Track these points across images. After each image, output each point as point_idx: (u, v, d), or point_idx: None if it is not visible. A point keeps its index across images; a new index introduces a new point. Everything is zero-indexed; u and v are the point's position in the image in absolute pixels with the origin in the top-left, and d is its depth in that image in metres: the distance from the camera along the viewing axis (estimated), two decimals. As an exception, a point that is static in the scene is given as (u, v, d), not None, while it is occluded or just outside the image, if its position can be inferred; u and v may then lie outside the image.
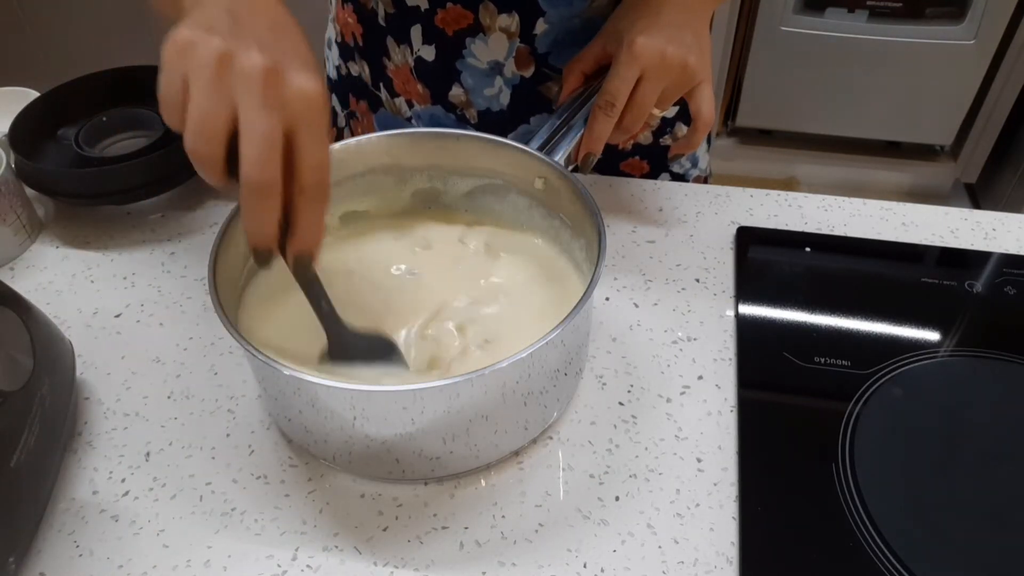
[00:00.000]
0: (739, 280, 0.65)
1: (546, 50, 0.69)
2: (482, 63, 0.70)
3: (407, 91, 0.75)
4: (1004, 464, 0.52)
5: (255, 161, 0.39)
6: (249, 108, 0.39)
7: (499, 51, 0.69)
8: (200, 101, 0.39)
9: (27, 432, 0.46)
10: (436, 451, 0.49)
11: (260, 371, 0.50)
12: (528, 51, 0.69)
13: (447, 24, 0.68)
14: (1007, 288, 0.63)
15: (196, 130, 0.39)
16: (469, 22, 0.68)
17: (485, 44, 0.69)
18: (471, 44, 0.69)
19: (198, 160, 0.40)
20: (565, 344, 0.50)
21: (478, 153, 0.60)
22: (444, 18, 0.68)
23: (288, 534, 0.49)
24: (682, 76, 0.59)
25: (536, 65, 0.70)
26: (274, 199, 0.40)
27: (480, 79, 0.71)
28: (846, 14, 1.81)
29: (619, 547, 0.48)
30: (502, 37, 0.68)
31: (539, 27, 0.67)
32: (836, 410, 0.54)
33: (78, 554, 0.48)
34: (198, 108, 0.39)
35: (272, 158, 0.39)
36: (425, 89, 0.74)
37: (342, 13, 0.76)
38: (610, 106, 0.58)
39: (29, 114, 0.72)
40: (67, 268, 0.67)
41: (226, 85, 0.39)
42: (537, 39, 0.68)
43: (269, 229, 0.41)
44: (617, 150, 0.78)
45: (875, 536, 0.47)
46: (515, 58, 0.69)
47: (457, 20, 0.68)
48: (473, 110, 0.74)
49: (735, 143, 2.14)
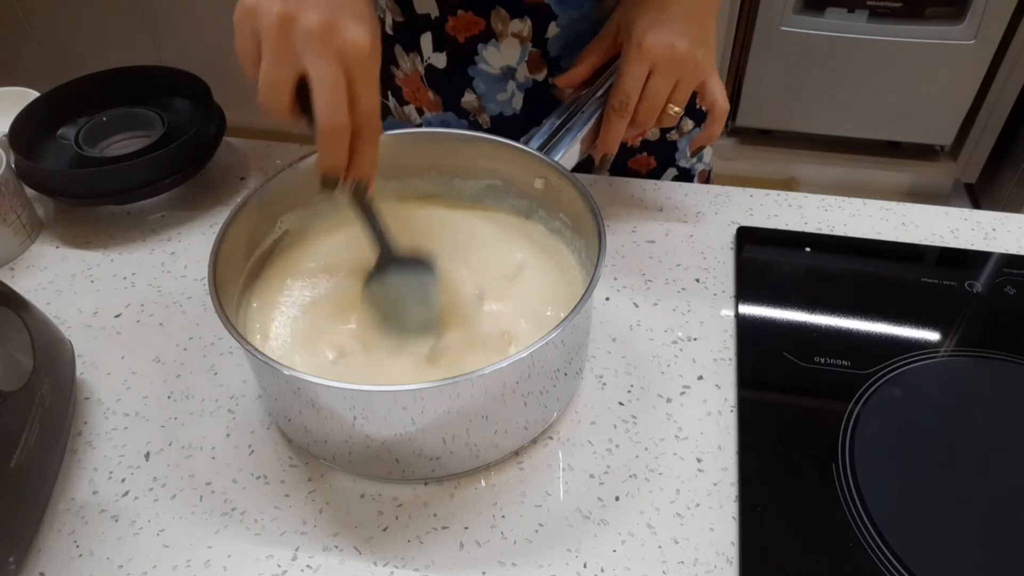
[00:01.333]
0: (739, 280, 0.65)
1: (557, 53, 0.69)
2: (494, 68, 0.70)
3: (417, 99, 0.75)
4: (1004, 464, 0.52)
5: (328, 108, 0.44)
6: (314, 62, 0.44)
7: (511, 56, 0.69)
8: (269, 59, 0.45)
9: (27, 432, 0.46)
10: (436, 451, 0.49)
11: (260, 371, 0.50)
12: (540, 55, 0.69)
13: (458, 31, 0.68)
14: (1007, 288, 0.63)
15: (266, 84, 0.45)
16: (481, 28, 0.68)
17: (497, 50, 0.69)
18: (483, 50, 0.69)
19: (269, 110, 0.46)
20: (565, 344, 0.50)
21: (478, 154, 0.60)
22: (455, 25, 0.68)
23: (288, 534, 0.49)
24: (692, 70, 0.59)
25: (548, 68, 0.70)
26: (345, 138, 0.46)
27: (492, 84, 0.71)
28: (846, 14, 1.80)
29: (619, 547, 0.48)
30: (514, 42, 0.68)
31: (551, 31, 0.68)
32: (836, 410, 0.54)
33: (78, 554, 0.48)
34: (268, 64, 0.45)
35: (341, 103, 0.45)
36: (436, 96, 0.74)
37: None
38: (624, 106, 0.59)
39: (29, 114, 0.72)
40: (67, 268, 0.67)
41: (291, 43, 0.44)
42: (549, 42, 0.68)
43: (339, 162, 0.47)
44: (625, 147, 0.78)
45: (875, 536, 0.47)
46: (527, 62, 0.70)
47: (468, 27, 0.68)
48: (486, 115, 0.74)
49: (735, 143, 2.14)
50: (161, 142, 0.71)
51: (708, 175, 0.84)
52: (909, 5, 1.76)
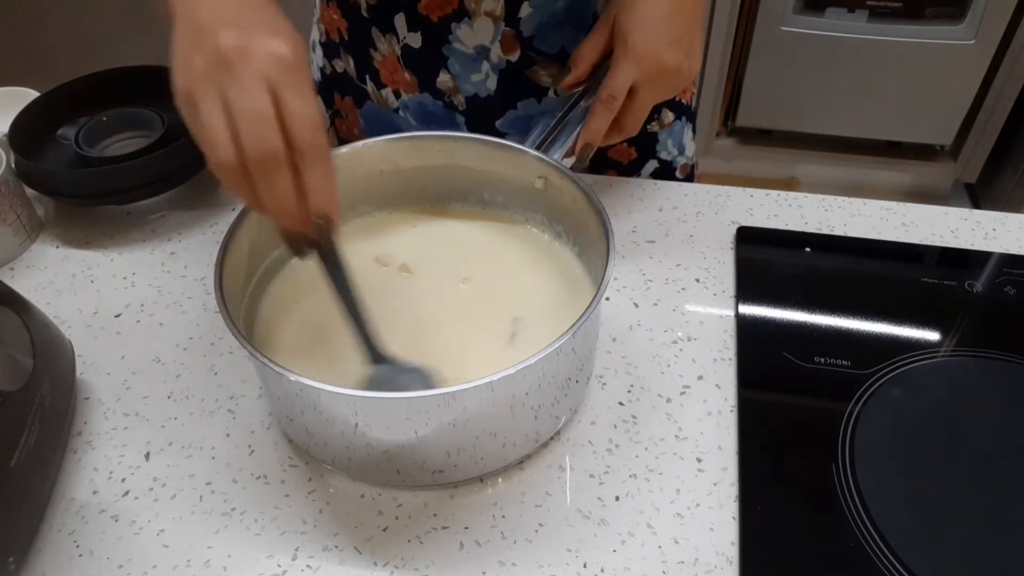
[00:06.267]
0: (739, 280, 0.65)
1: (531, 33, 0.69)
2: (468, 48, 0.70)
3: (394, 80, 0.75)
4: (1004, 464, 0.52)
5: (248, 136, 0.40)
6: (229, 92, 0.40)
7: (484, 35, 0.69)
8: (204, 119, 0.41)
9: (27, 432, 0.46)
10: (439, 464, 0.48)
11: (261, 370, 0.50)
12: (513, 34, 0.69)
13: (431, 10, 0.68)
14: (1007, 288, 0.63)
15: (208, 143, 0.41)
16: (454, 7, 0.68)
17: (470, 28, 0.69)
18: (456, 29, 0.69)
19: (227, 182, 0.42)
20: (576, 351, 0.49)
21: (478, 154, 0.60)
22: (428, 4, 0.68)
23: (288, 534, 0.49)
24: (676, 80, 0.61)
25: (522, 49, 0.70)
26: (281, 170, 0.41)
27: (467, 64, 0.72)
28: (846, 14, 1.80)
29: (619, 547, 0.48)
30: (487, 21, 0.68)
31: (524, 10, 0.68)
32: (836, 410, 0.54)
33: (78, 554, 0.48)
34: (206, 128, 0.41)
35: (263, 129, 0.40)
36: (412, 77, 0.74)
37: (327, 12, 0.76)
38: (612, 99, 0.60)
39: (29, 114, 0.72)
40: (67, 268, 0.67)
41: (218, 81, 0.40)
42: (522, 22, 0.69)
43: (287, 203, 0.41)
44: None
45: (875, 536, 0.47)
46: (501, 42, 0.70)
47: (441, 6, 0.68)
48: (461, 96, 0.74)
49: (735, 143, 2.14)
50: (161, 142, 0.71)
51: (691, 170, 0.84)
52: (909, 5, 1.76)
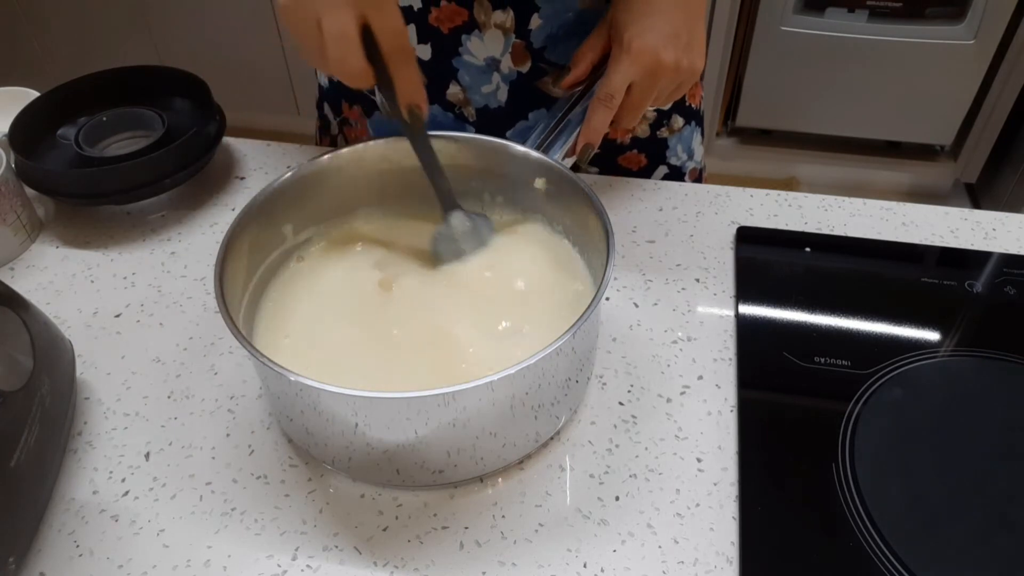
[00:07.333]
0: (739, 280, 0.65)
1: (541, 44, 0.69)
2: (478, 60, 0.70)
3: None
4: (1004, 464, 0.52)
5: (336, 59, 0.49)
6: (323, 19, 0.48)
7: (495, 47, 0.70)
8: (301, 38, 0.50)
9: (27, 432, 0.46)
10: (439, 464, 0.48)
11: (261, 369, 0.50)
12: (524, 46, 0.70)
13: (442, 22, 0.69)
14: (1007, 288, 0.63)
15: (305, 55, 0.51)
16: (464, 19, 0.68)
17: (481, 40, 0.69)
18: (467, 41, 0.69)
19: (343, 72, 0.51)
20: (576, 351, 0.49)
21: (479, 154, 0.59)
22: (438, 16, 0.68)
23: (288, 534, 0.49)
24: (676, 77, 0.61)
25: (532, 60, 0.70)
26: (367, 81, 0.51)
27: (477, 76, 0.72)
28: (846, 14, 1.81)
29: (619, 547, 0.48)
30: (497, 33, 0.69)
31: (534, 22, 0.68)
32: (836, 410, 0.54)
33: (78, 554, 0.48)
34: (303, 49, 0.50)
35: (348, 52, 0.49)
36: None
37: None
38: (609, 98, 0.60)
39: (29, 114, 0.72)
40: (67, 268, 0.67)
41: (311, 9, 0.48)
42: (532, 34, 0.69)
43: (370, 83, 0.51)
44: (615, 144, 0.78)
45: (875, 536, 0.47)
46: (511, 53, 0.70)
47: (452, 18, 0.68)
48: (471, 108, 0.74)
49: (735, 143, 2.14)
50: (161, 142, 0.71)
51: (700, 174, 0.84)
52: (909, 5, 1.77)
